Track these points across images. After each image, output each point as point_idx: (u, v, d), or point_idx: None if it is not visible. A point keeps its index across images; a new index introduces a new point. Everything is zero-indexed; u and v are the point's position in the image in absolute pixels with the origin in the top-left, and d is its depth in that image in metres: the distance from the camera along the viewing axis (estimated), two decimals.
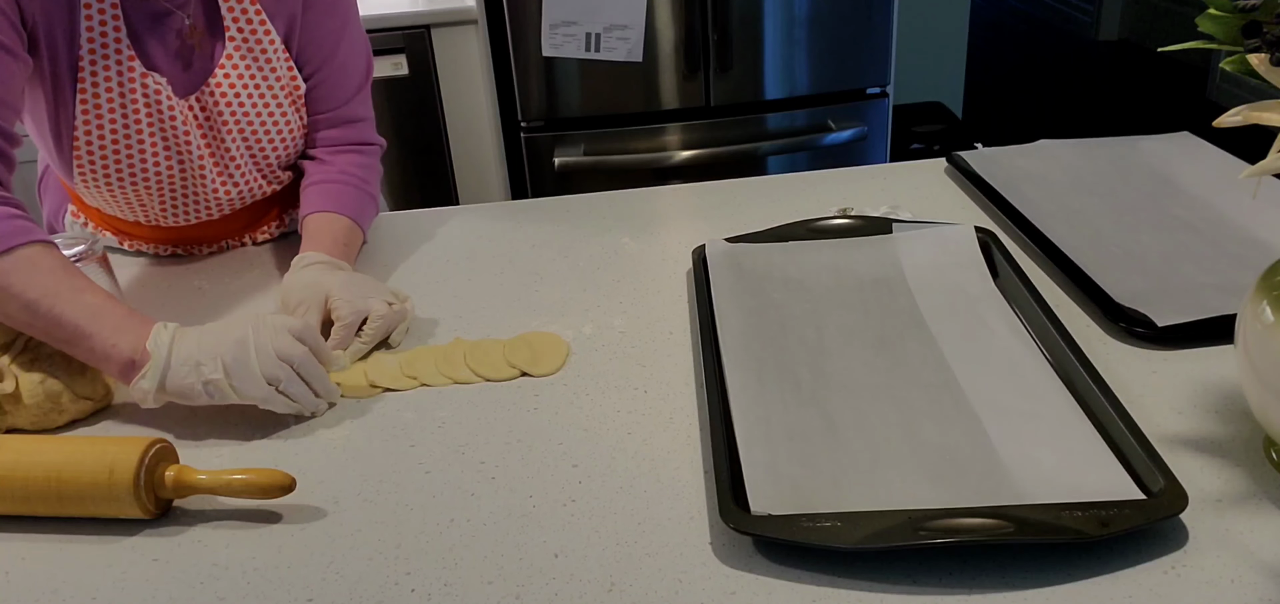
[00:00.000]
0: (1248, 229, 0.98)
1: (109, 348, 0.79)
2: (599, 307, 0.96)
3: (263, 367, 0.77)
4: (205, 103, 1.00)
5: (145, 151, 0.99)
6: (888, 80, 2.20)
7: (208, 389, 0.78)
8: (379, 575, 0.64)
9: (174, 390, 0.78)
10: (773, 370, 0.79)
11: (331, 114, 1.09)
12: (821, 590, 0.59)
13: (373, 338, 0.90)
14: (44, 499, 0.69)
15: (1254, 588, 0.57)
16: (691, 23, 2.07)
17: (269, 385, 0.78)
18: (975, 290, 0.89)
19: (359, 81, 1.10)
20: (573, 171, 2.17)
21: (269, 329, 0.79)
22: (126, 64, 0.94)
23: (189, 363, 0.78)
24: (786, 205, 1.15)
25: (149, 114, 0.97)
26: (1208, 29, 0.61)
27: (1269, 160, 0.58)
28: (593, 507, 0.68)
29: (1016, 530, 0.59)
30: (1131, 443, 0.66)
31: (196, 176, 1.03)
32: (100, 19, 0.92)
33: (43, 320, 0.79)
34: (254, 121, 1.03)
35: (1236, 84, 3.70)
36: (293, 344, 0.79)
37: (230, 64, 1.00)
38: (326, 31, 1.05)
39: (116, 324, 0.79)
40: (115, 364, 0.79)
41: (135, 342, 0.79)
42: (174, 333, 0.79)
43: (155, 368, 0.78)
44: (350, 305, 0.90)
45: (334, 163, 1.08)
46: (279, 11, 1.01)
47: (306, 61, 1.05)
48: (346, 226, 1.03)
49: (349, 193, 1.06)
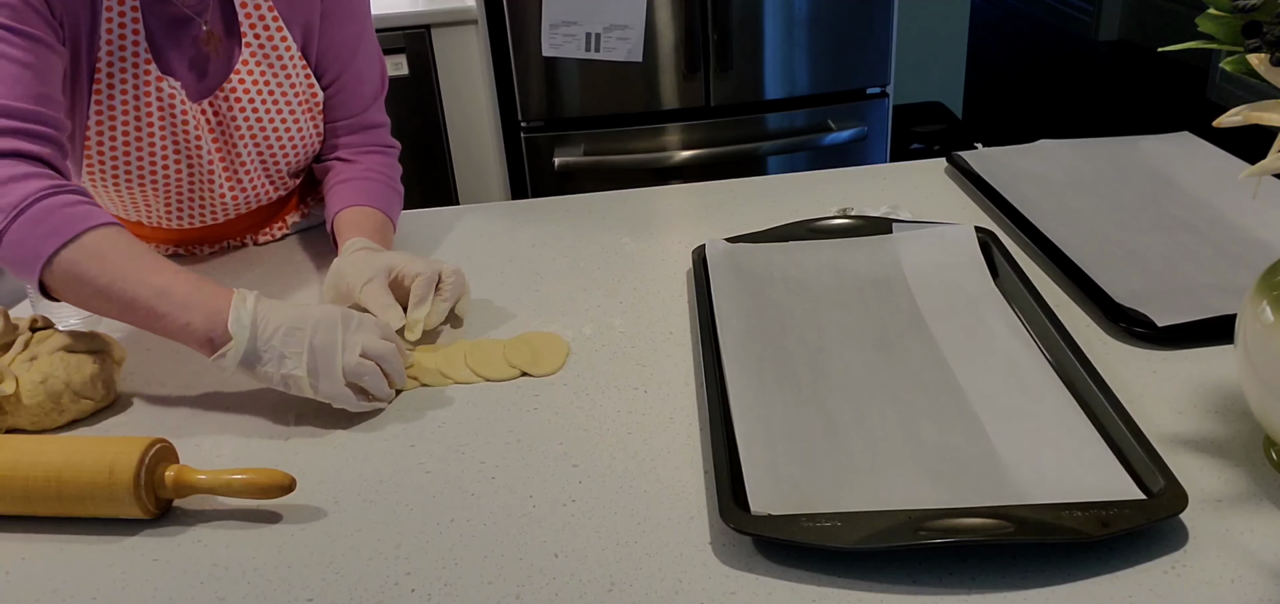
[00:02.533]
0: (1248, 229, 0.98)
1: (182, 327, 0.79)
2: (599, 306, 0.96)
3: (348, 366, 0.78)
4: (218, 107, 1.00)
5: (156, 153, 0.99)
6: (888, 80, 2.19)
7: (286, 382, 0.78)
8: (379, 575, 0.64)
9: (257, 376, 0.79)
10: (773, 370, 0.79)
11: (353, 120, 1.10)
12: (821, 590, 0.59)
13: (452, 295, 0.91)
14: (44, 499, 0.69)
15: (1254, 588, 0.57)
16: (691, 23, 2.07)
17: (346, 386, 0.78)
18: (975, 290, 0.89)
19: (377, 87, 1.12)
20: (573, 171, 2.17)
21: (355, 325, 0.80)
22: (143, 68, 0.95)
23: (273, 353, 0.78)
24: (786, 205, 1.15)
25: (162, 117, 0.97)
26: (1208, 29, 0.61)
27: (1269, 160, 0.58)
28: (593, 507, 0.68)
29: (1016, 530, 0.59)
30: (1131, 443, 0.66)
31: (205, 180, 1.03)
32: (120, 23, 0.92)
33: (117, 305, 0.80)
34: (267, 127, 1.03)
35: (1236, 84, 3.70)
36: (381, 342, 0.80)
37: (245, 70, 1.00)
38: (345, 38, 1.06)
39: (185, 301, 0.79)
40: (193, 342, 0.80)
41: (209, 318, 0.78)
42: (254, 310, 0.79)
43: (237, 350, 0.78)
44: (425, 263, 0.91)
45: (360, 162, 1.10)
46: (296, 18, 1.02)
47: (326, 68, 1.06)
48: (382, 219, 1.05)
49: (379, 188, 1.07)
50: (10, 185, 0.80)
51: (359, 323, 0.81)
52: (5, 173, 0.81)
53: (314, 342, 0.78)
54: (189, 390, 0.87)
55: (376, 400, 0.81)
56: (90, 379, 0.82)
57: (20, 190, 0.80)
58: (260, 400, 0.84)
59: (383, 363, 0.80)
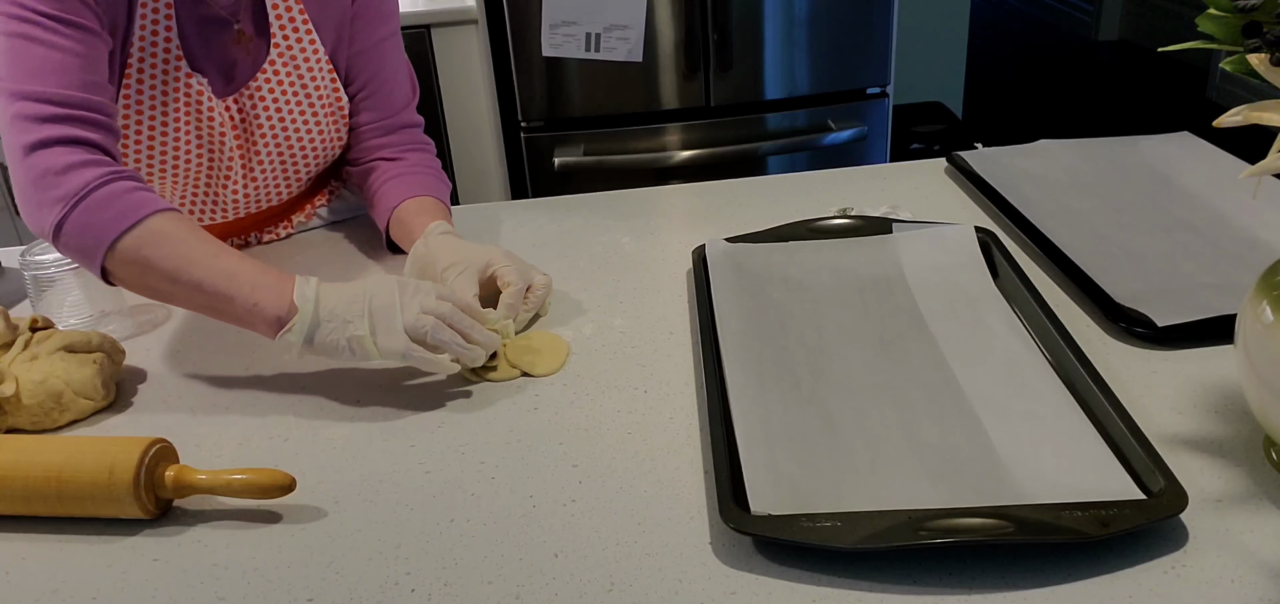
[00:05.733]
0: (1248, 229, 0.98)
1: (250, 307, 0.80)
2: (599, 307, 0.96)
3: (408, 322, 0.78)
4: (243, 105, 1.01)
5: (180, 147, 0.99)
6: (888, 80, 2.20)
7: (351, 345, 0.79)
8: (379, 575, 0.64)
9: (320, 346, 0.79)
10: (773, 370, 0.79)
11: (391, 119, 1.10)
12: (821, 590, 0.59)
13: (535, 305, 0.92)
14: (44, 499, 0.69)
15: (1254, 588, 0.57)
16: (691, 23, 2.07)
17: (412, 342, 0.79)
18: (975, 290, 0.89)
19: (411, 89, 1.13)
20: (573, 171, 2.17)
21: (413, 289, 0.81)
22: (173, 64, 0.95)
23: (336, 319, 0.79)
24: (786, 205, 1.15)
25: (188, 112, 0.98)
26: (1208, 29, 0.61)
27: (1269, 160, 0.58)
28: (593, 507, 0.68)
29: (1016, 530, 0.59)
30: (1131, 443, 0.66)
31: (222, 175, 1.04)
32: (154, 20, 0.93)
33: (184, 289, 0.81)
34: (289, 127, 1.04)
35: (1236, 84, 3.70)
36: (438, 302, 0.81)
37: (271, 69, 1.01)
38: (377, 40, 1.07)
39: (253, 282, 0.80)
40: (261, 322, 0.80)
41: (277, 298, 0.80)
42: (317, 287, 0.80)
43: (302, 323, 0.79)
44: (519, 272, 0.92)
45: (406, 158, 1.10)
46: (327, 21, 1.02)
47: (359, 71, 1.07)
48: (443, 208, 1.06)
49: (431, 180, 1.09)
50: (69, 173, 0.81)
51: (416, 287, 0.81)
52: (63, 160, 0.82)
53: (373, 304, 0.79)
54: (189, 390, 0.87)
55: (444, 356, 0.80)
56: (90, 379, 0.82)
57: (79, 178, 0.81)
58: (260, 401, 0.84)
59: (445, 318, 0.80)
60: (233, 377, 0.88)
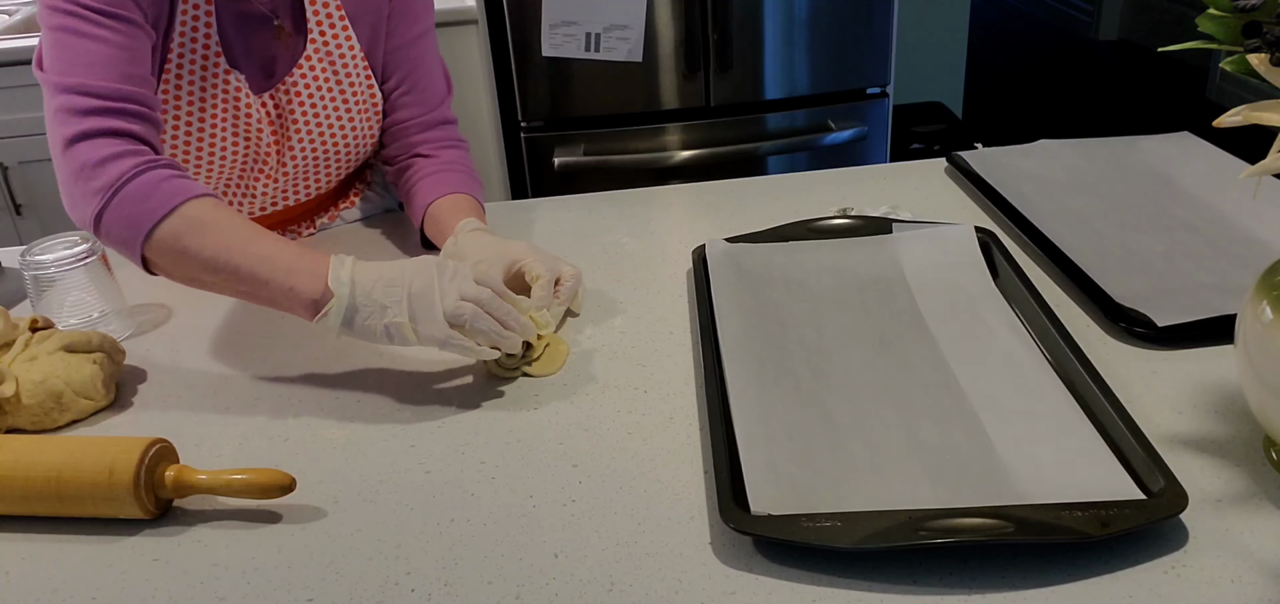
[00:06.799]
0: (1248, 229, 0.98)
1: (287, 292, 0.80)
2: (599, 306, 0.96)
3: (448, 310, 0.78)
4: (279, 100, 1.02)
5: (217, 141, 1.00)
6: (888, 80, 2.19)
7: (389, 331, 0.78)
8: (379, 575, 0.64)
9: (359, 331, 0.79)
10: (773, 370, 0.79)
11: (428, 115, 1.11)
12: (821, 590, 0.59)
13: (567, 298, 0.91)
14: (44, 499, 0.69)
15: (1254, 588, 0.57)
16: (691, 23, 2.07)
17: (451, 328, 0.78)
18: (975, 290, 0.89)
19: (445, 86, 1.14)
20: (573, 171, 2.17)
21: (451, 273, 0.80)
22: (212, 60, 0.96)
23: (374, 305, 0.78)
24: (786, 205, 1.15)
25: (226, 107, 0.99)
26: (1208, 29, 0.61)
27: (1269, 160, 0.58)
28: (593, 507, 0.68)
29: (1016, 530, 0.59)
30: (1131, 443, 0.66)
31: (256, 170, 1.04)
32: (194, 16, 0.94)
33: (223, 276, 0.81)
34: (323, 123, 1.04)
35: (1236, 84, 3.70)
36: (476, 287, 0.80)
37: (308, 65, 1.01)
38: (413, 36, 1.07)
39: (289, 266, 0.80)
40: (298, 305, 0.80)
41: (312, 282, 0.79)
42: (352, 270, 0.80)
43: (339, 307, 0.78)
44: (546, 265, 0.91)
45: (441, 156, 1.11)
46: (363, 18, 1.03)
47: (396, 66, 1.07)
48: (477, 206, 1.06)
49: (465, 178, 1.09)
50: (106, 164, 0.82)
51: (454, 271, 0.81)
52: (101, 152, 0.82)
53: (412, 289, 0.79)
54: (189, 391, 0.87)
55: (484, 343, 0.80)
56: (90, 379, 0.82)
57: (117, 168, 0.82)
58: (260, 401, 0.84)
59: (484, 305, 0.80)
60: (233, 377, 0.88)
